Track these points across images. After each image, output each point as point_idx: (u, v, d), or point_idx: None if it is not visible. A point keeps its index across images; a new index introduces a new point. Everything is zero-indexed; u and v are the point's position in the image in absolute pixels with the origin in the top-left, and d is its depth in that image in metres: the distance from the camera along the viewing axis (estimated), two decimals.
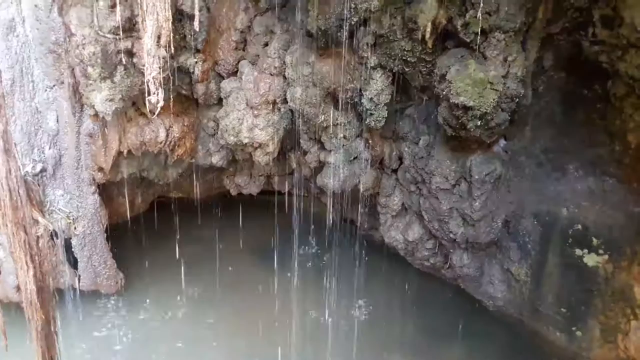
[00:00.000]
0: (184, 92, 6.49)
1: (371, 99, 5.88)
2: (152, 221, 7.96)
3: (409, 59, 5.66)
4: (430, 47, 5.48)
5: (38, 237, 4.48)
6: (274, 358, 5.90)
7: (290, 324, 6.31)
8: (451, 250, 6.75)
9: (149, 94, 3.84)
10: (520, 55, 5.26)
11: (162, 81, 3.86)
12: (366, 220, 7.68)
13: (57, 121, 5.88)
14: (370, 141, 6.61)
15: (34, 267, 4.16)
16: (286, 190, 8.38)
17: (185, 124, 6.50)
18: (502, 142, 6.10)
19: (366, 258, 7.21)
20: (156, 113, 3.84)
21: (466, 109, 5.17)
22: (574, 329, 5.88)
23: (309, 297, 6.82)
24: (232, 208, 8.67)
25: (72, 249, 6.14)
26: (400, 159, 6.78)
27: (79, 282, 6.22)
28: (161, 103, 3.73)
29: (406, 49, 5.58)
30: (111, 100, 5.54)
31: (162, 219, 7.93)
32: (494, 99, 5.12)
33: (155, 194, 8.40)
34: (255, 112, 6.11)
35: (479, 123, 5.26)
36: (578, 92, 5.66)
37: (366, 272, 7.08)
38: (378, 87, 5.83)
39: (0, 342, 4.36)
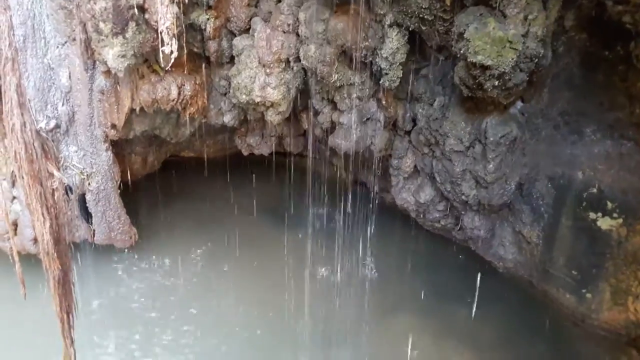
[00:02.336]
0: (195, 49, 6.41)
1: (386, 58, 5.77)
2: (165, 180, 8.04)
3: (426, 17, 5.51)
4: (448, 4, 5.32)
5: (53, 189, 4.52)
6: (284, 313, 6.02)
7: (301, 282, 6.40)
8: (462, 212, 6.74)
9: (162, 45, 3.79)
10: (541, 14, 5.09)
11: (175, 33, 3.81)
12: (378, 182, 7.66)
13: (70, 78, 5.87)
14: (383, 102, 6.52)
15: (50, 219, 4.22)
16: (298, 151, 8.36)
17: (197, 83, 6.44)
18: (519, 104, 5.99)
19: (377, 219, 7.23)
20: (170, 64, 3.79)
21: (484, 68, 5.06)
22: (584, 291, 5.90)
23: (320, 256, 6.89)
24: (243, 168, 8.69)
25: (87, 204, 6.22)
26: (414, 120, 6.71)
27: (93, 236, 6.33)
28: (175, 54, 3.69)
29: (423, 7, 5.42)
30: (123, 56, 5.48)
31: (175, 177, 8.00)
32: (512, 59, 5.00)
33: (167, 153, 8.42)
34: (268, 71, 6.03)
35: (496, 83, 5.16)
36: (599, 53, 5.50)
37: (377, 233, 7.10)
38: (393, 45, 5.71)
39: (19, 291, 4.49)
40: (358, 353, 5.68)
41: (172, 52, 3.71)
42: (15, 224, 5.96)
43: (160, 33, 3.82)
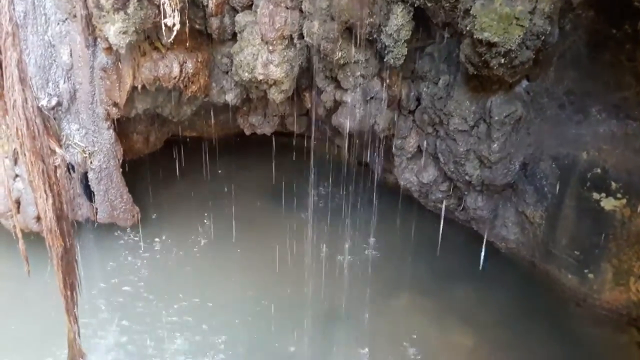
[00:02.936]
0: (197, 26, 6.33)
1: (391, 34, 5.69)
2: (167, 159, 8.02)
3: None
4: None
5: (56, 167, 4.50)
6: (286, 292, 6.05)
7: (303, 262, 6.42)
8: (466, 193, 6.73)
9: (164, 17, 3.73)
10: None
11: (177, 6, 3.74)
12: (380, 163, 7.63)
13: (71, 55, 5.81)
14: (387, 81, 6.45)
15: (53, 196, 4.21)
16: (301, 131, 8.31)
17: (199, 60, 6.37)
18: (524, 82, 5.93)
19: (380, 200, 7.21)
20: (172, 37, 3.73)
21: (490, 45, 4.99)
22: (586, 271, 5.91)
23: (323, 236, 6.89)
24: (246, 148, 8.68)
25: (89, 183, 6.21)
26: (418, 99, 6.65)
27: (96, 215, 6.33)
28: (177, 26, 3.63)
29: None
30: (125, 32, 5.41)
31: (177, 157, 7.97)
32: (519, 36, 4.93)
33: (169, 132, 8.39)
34: (271, 48, 5.96)
35: (502, 61, 5.09)
36: (606, 31, 5.42)
37: (379, 214, 7.09)
38: (398, 22, 5.63)
39: (22, 268, 4.50)
40: (360, 331, 5.71)
41: (174, 24, 3.66)
42: (18, 202, 5.96)
43: (162, 5, 3.75)
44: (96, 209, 6.36)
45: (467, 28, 5.11)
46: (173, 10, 3.65)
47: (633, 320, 5.69)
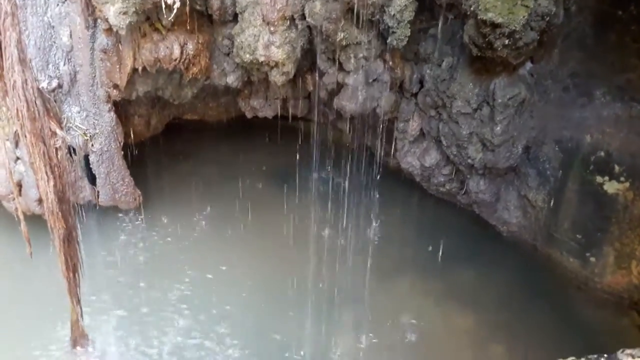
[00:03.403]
0: (197, 7, 6.24)
1: (394, 15, 5.60)
2: (168, 142, 8.00)
3: None
4: None
5: (57, 148, 4.49)
6: (288, 274, 6.06)
7: (305, 244, 6.43)
8: (468, 176, 6.70)
9: None
10: None
11: None
12: (383, 146, 7.60)
13: (71, 36, 5.75)
14: (390, 63, 6.39)
15: (54, 178, 4.21)
16: (302, 114, 8.26)
17: (200, 42, 6.30)
18: (528, 64, 5.86)
19: (381, 184, 7.21)
20: (172, 15, 3.68)
21: (494, 26, 4.93)
22: (588, 254, 5.90)
23: (324, 219, 6.90)
24: (247, 132, 8.64)
25: (91, 166, 6.20)
26: (421, 82, 6.59)
27: (98, 198, 6.32)
28: (177, 4, 3.59)
29: None
30: (125, 13, 5.34)
31: (178, 140, 7.96)
32: (524, 16, 4.87)
33: (170, 116, 8.34)
34: (272, 29, 5.89)
35: (506, 42, 5.03)
36: (612, 12, 5.36)
37: (381, 197, 7.10)
38: (401, 2, 5.53)
39: (24, 249, 4.52)
40: (361, 313, 5.74)
41: (174, 2, 3.61)
42: (19, 185, 5.95)
43: None
44: (98, 192, 6.35)
45: (471, 9, 5.05)
46: None
47: (634, 304, 5.70)
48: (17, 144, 5.82)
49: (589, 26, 5.56)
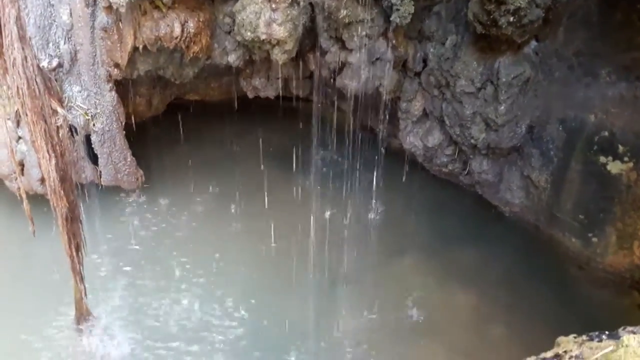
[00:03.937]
0: None
1: None
2: (170, 123, 7.96)
3: None
4: None
5: (58, 127, 4.47)
6: (290, 255, 6.08)
7: (307, 225, 6.43)
8: (471, 157, 6.67)
9: None
10: None
11: None
12: (385, 127, 7.56)
13: (71, 15, 5.69)
14: (394, 41, 6.32)
15: (56, 157, 4.19)
16: (304, 94, 8.20)
17: (201, 20, 6.23)
18: (533, 43, 5.79)
19: (384, 164, 7.18)
20: None
21: (499, 3, 4.87)
22: (590, 235, 5.90)
23: (326, 200, 6.90)
24: (249, 112, 8.59)
25: (92, 146, 6.18)
26: (425, 61, 6.52)
27: (100, 177, 6.32)
28: None
29: None
30: None
31: (180, 120, 7.91)
32: None
33: (172, 96, 8.29)
34: (274, 6, 5.81)
35: (511, 19, 4.97)
36: None
37: (383, 178, 7.07)
38: None
39: (27, 228, 4.53)
40: (364, 293, 5.76)
41: None
42: (21, 164, 5.95)
43: None
44: (100, 171, 6.34)
45: None
46: None
47: (635, 283, 5.71)
48: (18, 124, 5.80)
49: (595, 3, 5.47)
